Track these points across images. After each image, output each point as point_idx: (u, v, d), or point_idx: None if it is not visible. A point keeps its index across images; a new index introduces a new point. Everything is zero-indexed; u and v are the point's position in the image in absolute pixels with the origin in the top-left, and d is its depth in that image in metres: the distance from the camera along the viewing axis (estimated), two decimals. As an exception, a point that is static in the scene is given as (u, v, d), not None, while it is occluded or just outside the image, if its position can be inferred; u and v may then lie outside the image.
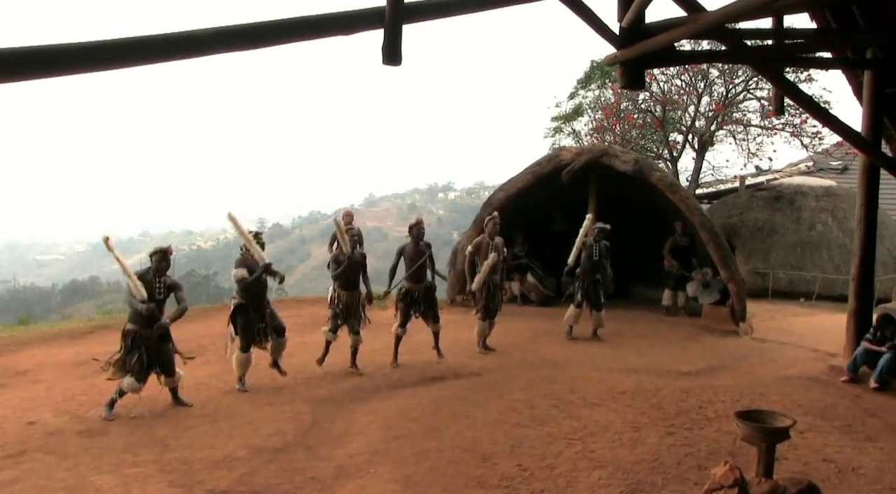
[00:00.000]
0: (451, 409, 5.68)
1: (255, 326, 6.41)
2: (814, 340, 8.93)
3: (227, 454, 4.70)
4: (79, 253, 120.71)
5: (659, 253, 11.30)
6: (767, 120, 16.92)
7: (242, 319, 6.37)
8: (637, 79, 5.53)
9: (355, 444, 4.91)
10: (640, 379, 6.65)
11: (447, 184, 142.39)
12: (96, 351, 7.65)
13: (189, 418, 5.50)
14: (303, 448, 4.87)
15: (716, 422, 5.29)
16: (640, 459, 4.50)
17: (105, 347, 7.89)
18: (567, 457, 4.56)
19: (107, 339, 8.33)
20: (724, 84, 16.71)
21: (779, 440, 3.80)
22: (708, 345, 8.88)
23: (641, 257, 12.69)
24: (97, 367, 6.90)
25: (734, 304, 9.98)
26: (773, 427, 3.78)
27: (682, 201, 10.59)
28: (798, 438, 4.70)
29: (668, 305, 11.33)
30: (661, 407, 5.69)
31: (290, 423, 5.37)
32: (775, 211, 14.42)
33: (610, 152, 11.53)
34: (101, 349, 7.81)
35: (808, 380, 6.79)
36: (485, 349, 8.11)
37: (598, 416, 5.43)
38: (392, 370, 7.16)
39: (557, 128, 20.69)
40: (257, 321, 6.43)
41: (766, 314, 11.12)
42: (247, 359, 6.37)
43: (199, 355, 7.64)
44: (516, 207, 12.08)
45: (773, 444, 3.78)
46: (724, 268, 10.09)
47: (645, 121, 18.03)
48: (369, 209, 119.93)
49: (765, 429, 3.77)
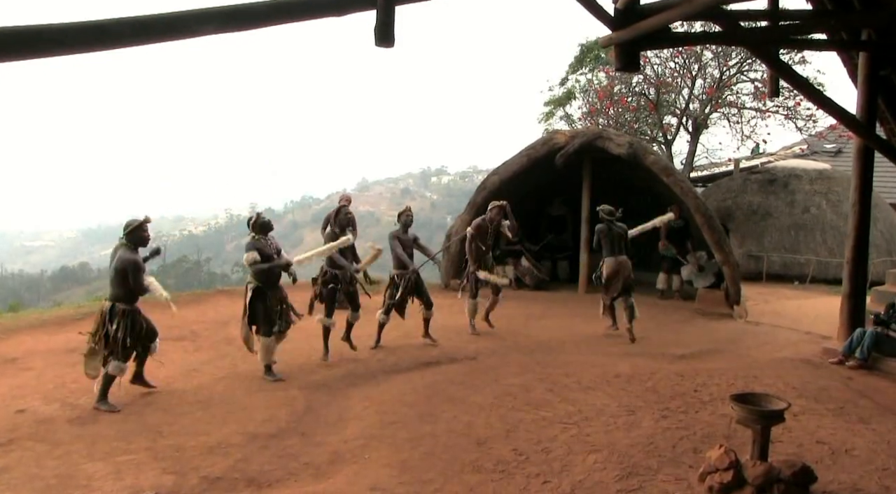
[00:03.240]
0: (447, 394, 5.69)
1: (274, 309, 6.29)
2: (807, 323, 8.98)
3: (222, 440, 4.69)
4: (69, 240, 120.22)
5: (654, 236, 11.31)
6: (761, 102, 16.89)
7: (262, 304, 6.24)
8: (632, 61, 5.50)
9: (350, 430, 4.91)
10: (635, 363, 6.68)
11: (440, 168, 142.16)
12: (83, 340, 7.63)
13: (182, 405, 5.48)
14: (297, 433, 4.86)
15: (710, 405, 5.32)
16: (635, 442, 4.53)
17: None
18: (562, 441, 4.58)
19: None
20: (717, 66, 16.67)
21: (773, 422, 3.84)
22: (702, 329, 8.92)
23: (635, 240, 12.69)
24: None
25: (728, 287, 10.02)
26: (768, 409, 3.82)
27: (677, 184, 10.60)
28: (792, 420, 4.73)
29: (662, 289, 11.38)
30: (655, 390, 5.72)
31: (285, 409, 5.36)
32: (769, 194, 14.45)
33: (604, 135, 11.51)
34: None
35: (801, 363, 6.84)
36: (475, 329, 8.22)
37: (593, 400, 5.45)
38: (386, 355, 7.16)
39: (550, 112, 20.61)
40: (276, 304, 6.32)
41: (760, 297, 11.17)
42: (272, 344, 6.27)
43: (190, 341, 7.64)
44: (511, 191, 12.04)
45: (768, 427, 3.82)
46: (719, 252, 10.12)
47: (639, 104, 17.96)
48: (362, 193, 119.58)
49: (759, 412, 3.80)
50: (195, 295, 10.74)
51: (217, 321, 8.69)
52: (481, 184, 12.41)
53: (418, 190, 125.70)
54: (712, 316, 9.75)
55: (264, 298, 6.25)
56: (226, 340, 7.71)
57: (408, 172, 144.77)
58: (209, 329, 8.19)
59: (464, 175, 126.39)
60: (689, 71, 17.00)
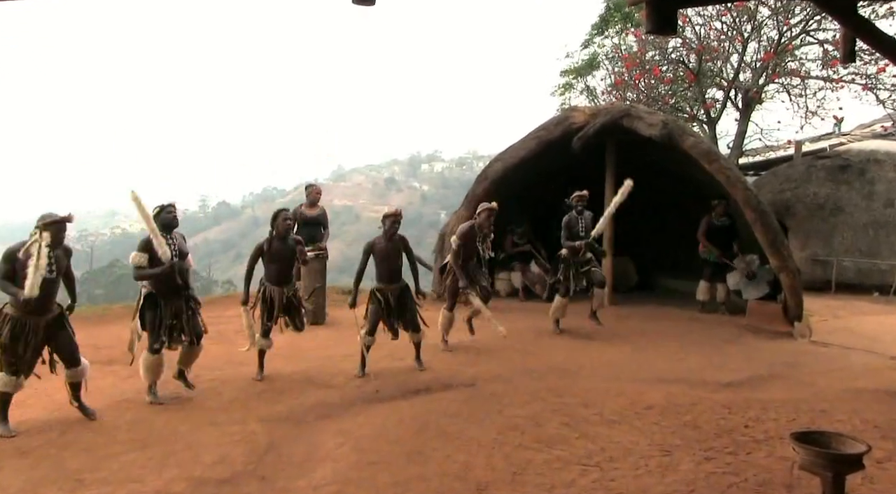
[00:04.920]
0: (439, 428, 5.68)
1: (164, 322, 6.42)
2: (891, 344, 8.97)
3: (160, 488, 4.65)
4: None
5: (692, 236, 11.31)
6: (832, 69, 16.77)
7: (151, 313, 6.42)
8: (667, 21, 5.49)
9: (321, 473, 4.90)
10: (670, 391, 6.67)
11: (433, 154, 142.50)
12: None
13: (111, 444, 5.42)
14: (256, 478, 4.84)
15: (766, 446, 5.31)
16: (671, 490, 4.52)
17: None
18: (581, 487, 4.57)
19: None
20: (776, 26, 16.60)
21: (849, 470, 3.76)
22: (754, 350, 8.92)
23: (670, 241, 12.71)
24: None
25: (787, 300, 10.03)
26: (842, 453, 3.75)
27: (722, 172, 10.59)
28: (875, 468, 4.69)
29: (704, 300, 11.37)
30: (696, 425, 5.72)
31: (241, 447, 5.34)
32: (841, 183, 14.44)
33: (632, 113, 11.52)
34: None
35: (884, 395, 6.75)
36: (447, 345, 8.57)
37: (618, 437, 5.45)
38: (364, 381, 7.16)
39: (568, 84, 20.68)
40: (169, 317, 6.44)
41: (829, 311, 11.18)
42: (156, 363, 6.41)
43: (123, 364, 7.59)
44: (517, 181, 12.05)
45: (843, 475, 3.74)
46: (775, 255, 10.12)
47: (676, 75, 18.02)
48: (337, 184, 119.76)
49: (831, 456, 3.73)
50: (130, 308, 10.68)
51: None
52: (482, 172, 12.41)
53: (406, 179, 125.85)
54: (766, 334, 9.75)
55: (155, 306, 6.42)
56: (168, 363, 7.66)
57: (393, 159, 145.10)
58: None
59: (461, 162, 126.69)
60: (740, 32, 16.98)
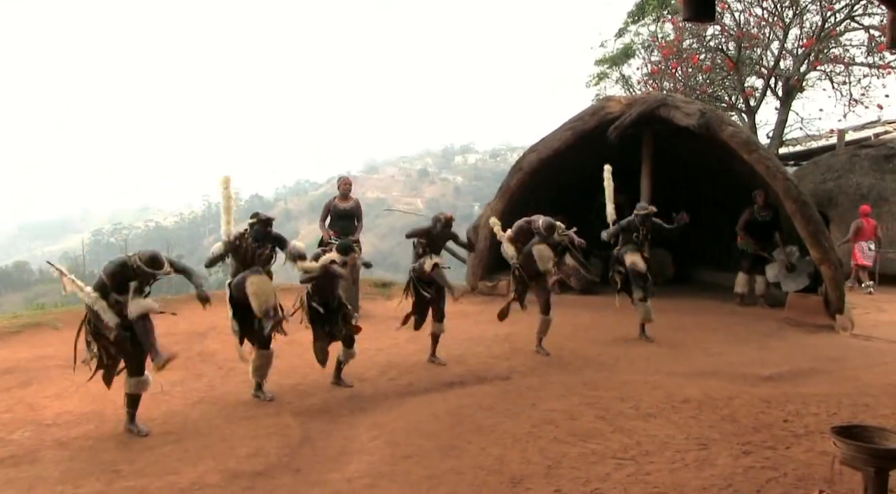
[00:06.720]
0: (473, 421, 5.70)
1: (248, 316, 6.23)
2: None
3: (195, 480, 4.72)
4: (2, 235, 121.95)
5: (731, 227, 11.21)
6: (878, 56, 16.50)
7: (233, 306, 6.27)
8: (705, 8, 5.42)
9: (355, 466, 4.94)
10: (707, 385, 6.64)
11: (466, 146, 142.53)
12: (24, 356, 7.69)
13: (147, 437, 5.49)
14: (290, 471, 4.90)
15: (806, 440, 5.26)
16: (708, 484, 4.49)
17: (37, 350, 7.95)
18: (616, 481, 4.56)
19: (39, 341, 8.39)
20: (819, 10, 16.35)
21: (893, 466, 3.71)
22: (794, 343, 8.84)
23: (708, 234, 12.59)
24: (24, 377, 6.93)
25: (828, 292, 9.90)
26: (885, 448, 3.71)
27: (761, 162, 10.48)
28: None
29: (742, 293, 11.30)
30: (734, 419, 5.68)
31: (275, 441, 5.40)
32: (886, 173, 14.28)
33: (669, 102, 11.44)
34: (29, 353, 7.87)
35: (930, 389, 6.69)
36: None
37: (654, 430, 5.43)
38: (400, 373, 7.19)
39: (603, 73, 20.55)
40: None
41: (873, 304, 11.04)
42: (263, 358, 6.29)
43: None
44: (551, 172, 12.02)
45: (886, 470, 3.69)
46: (816, 247, 9.99)
47: (714, 63, 17.83)
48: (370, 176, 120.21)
49: (873, 451, 3.67)
50: (164, 300, 10.85)
51: (190, 332, 8.77)
52: (516, 163, 12.41)
53: (438, 172, 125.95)
54: (807, 327, 9.65)
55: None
56: (201, 356, 7.80)
57: (426, 150, 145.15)
58: (180, 342, 8.23)
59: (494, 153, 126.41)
60: (782, 18, 16.75)
